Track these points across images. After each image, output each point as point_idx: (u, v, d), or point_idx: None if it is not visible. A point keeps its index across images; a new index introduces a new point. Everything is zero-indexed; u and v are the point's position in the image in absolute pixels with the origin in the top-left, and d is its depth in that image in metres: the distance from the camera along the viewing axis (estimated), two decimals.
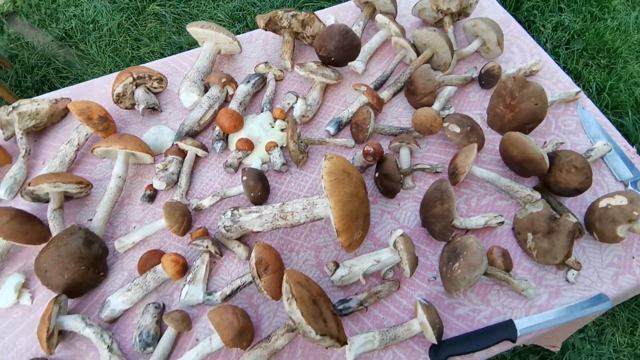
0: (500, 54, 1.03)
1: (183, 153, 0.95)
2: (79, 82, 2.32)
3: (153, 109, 1.03)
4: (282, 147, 0.96)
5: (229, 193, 0.88)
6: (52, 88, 2.29)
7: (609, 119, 2.10)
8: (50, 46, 2.50)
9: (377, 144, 0.84)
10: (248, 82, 1.02)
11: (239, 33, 2.43)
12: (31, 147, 1.01)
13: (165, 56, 2.36)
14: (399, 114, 1.01)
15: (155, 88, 1.06)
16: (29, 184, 0.83)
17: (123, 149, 0.87)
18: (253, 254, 0.74)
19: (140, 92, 1.02)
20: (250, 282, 0.78)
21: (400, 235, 0.76)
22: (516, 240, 0.83)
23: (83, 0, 2.68)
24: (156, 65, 1.14)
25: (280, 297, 0.75)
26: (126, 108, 1.04)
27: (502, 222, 0.83)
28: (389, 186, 0.85)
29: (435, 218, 0.79)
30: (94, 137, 1.01)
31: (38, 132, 1.04)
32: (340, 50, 0.98)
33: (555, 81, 1.03)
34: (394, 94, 1.02)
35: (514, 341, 0.73)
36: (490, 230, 0.85)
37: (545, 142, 0.93)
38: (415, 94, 0.96)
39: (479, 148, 0.90)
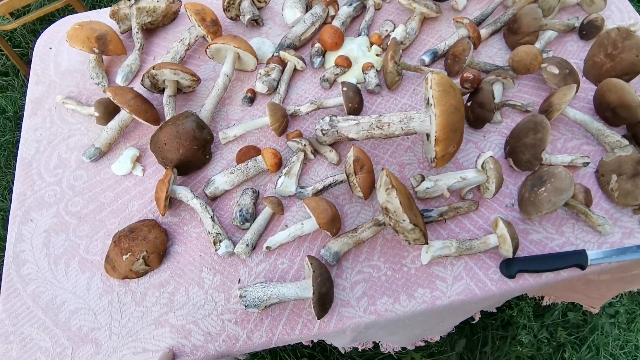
0: (603, 8, 1.02)
1: (283, 63, 1.01)
2: None
3: (256, 22, 1.09)
4: (377, 70, 1.00)
5: (326, 103, 0.95)
6: None
7: None
8: None
9: (477, 71, 0.87)
10: (350, 4, 1.06)
11: None
12: (144, 42, 1.10)
13: None
14: (493, 54, 1.03)
15: (259, 2, 1.11)
16: (153, 68, 0.92)
17: (236, 48, 0.94)
18: (351, 153, 0.81)
19: (246, 4, 1.07)
20: (342, 182, 0.86)
21: (491, 156, 0.80)
22: (598, 183, 0.86)
23: None
24: None
25: (370, 197, 0.82)
26: (231, 18, 1.11)
27: (588, 163, 0.85)
28: (482, 115, 0.88)
29: (525, 147, 0.83)
30: (200, 42, 1.09)
31: (151, 30, 1.13)
32: None
33: None
34: (492, 34, 1.04)
35: (583, 268, 0.77)
36: (574, 170, 0.87)
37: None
38: (517, 33, 0.97)
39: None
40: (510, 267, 0.78)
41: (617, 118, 0.87)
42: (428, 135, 0.81)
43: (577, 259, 0.77)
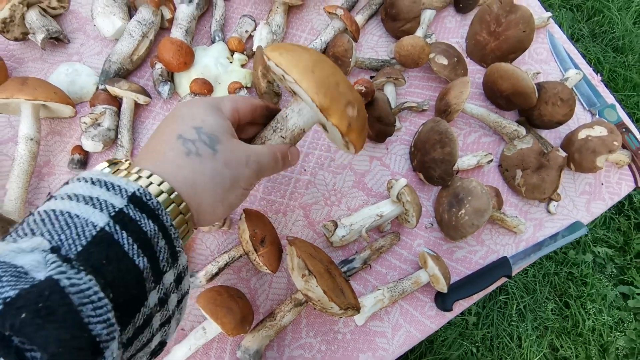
0: None
1: (116, 101, 0.73)
2: None
3: (57, 40, 0.76)
4: (247, 88, 0.79)
5: None
6: None
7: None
8: None
9: (368, 81, 0.72)
10: (190, 1, 0.79)
11: None
12: None
13: None
14: (374, 43, 0.89)
15: (54, 9, 0.76)
16: None
17: (31, 100, 0.62)
18: (244, 226, 0.62)
19: (34, 16, 0.72)
20: (240, 256, 0.67)
21: (405, 186, 0.69)
22: (502, 178, 0.83)
23: None
24: None
25: (278, 269, 0.66)
26: (15, 39, 0.75)
27: (492, 160, 0.81)
28: (382, 130, 0.76)
29: (435, 162, 0.74)
30: None
31: None
32: None
33: (525, 4, 0.98)
34: (368, 19, 0.89)
35: (510, 277, 0.75)
36: (479, 169, 0.83)
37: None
38: (396, 19, 0.84)
39: None
40: (446, 301, 0.71)
41: (510, 104, 0.83)
42: (323, 126, 0.52)
43: (502, 270, 0.74)
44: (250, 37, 0.83)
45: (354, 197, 0.77)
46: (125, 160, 0.38)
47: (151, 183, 0.36)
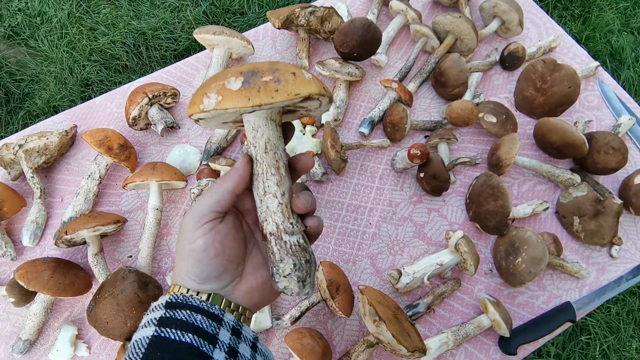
0: (520, 33, 1.02)
1: (216, 173, 0.91)
2: (36, 83, 2.14)
3: (171, 127, 0.97)
4: (317, 155, 0.93)
5: None
6: (8, 93, 2.10)
7: None
8: None
9: (422, 145, 0.83)
10: None
11: (206, 13, 2.28)
12: (44, 184, 0.93)
13: (128, 45, 2.19)
14: (427, 105, 1.00)
15: (168, 104, 0.99)
16: (66, 232, 0.77)
17: (159, 181, 0.82)
18: (323, 276, 0.74)
19: (154, 111, 0.94)
20: (318, 302, 0.79)
21: (462, 237, 0.77)
22: (561, 224, 0.87)
23: None
24: (160, 77, 1.06)
25: (351, 313, 0.76)
26: (141, 129, 0.97)
27: (548, 208, 0.86)
28: (438, 186, 0.85)
29: (490, 214, 0.81)
30: (113, 166, 0.94)
31: (48, 167, 0.96)
32: (363, 45, 0.94)
33: (572, 56, 1.04)
34: (420, 84, 1.00)
35: (574, 322, 0.78)
36: (535, 216, 0.88)
37: (575, 123, 0.95)
38: (446, 86, 0.94)
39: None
40: (510, 344, 0.76)
41: (562, 155, 0.88)
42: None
43: (566, 315, 0.78)
44: None
45: (415, 246, 0.86)
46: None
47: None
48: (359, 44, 0.93)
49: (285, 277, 0.42)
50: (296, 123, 0.95)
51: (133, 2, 2.38)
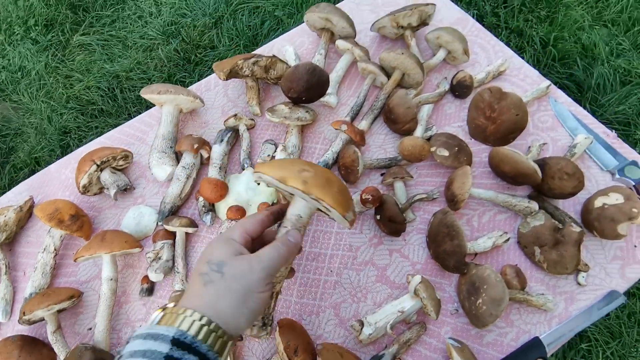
0: (467, 61, 1.02)
1: (172, 235, 0.89)
2: (19, 136, 2.15)
3: (125, 190, 0.96)
4: (273, 204, 0.92)
5: None
6: None
7: (557, 71, 2.15)
8: None
9: (374, 188, 0.82)
10: (222, 140, 0.96)
11: (177, 50, 2.29)
12: (8, 259, 0.92)
13: (103, 89, 2.20)
14: (382, 141, 0.99)
15: (121, 166, 0.98)
16: (24, 313, 0.77)
17: (109, 254, 0.80)
18: (279, 339, 0.72)
19: (106, 176, 0.93)
20: None
21: (420, 283, 0.75)
22: (524, 254, 0.85)
23: (7, 49, 2.44)
24: (113, 137, 1.05)
25: None
26: (94, 194, 0.96)
27: (508, 239, 0.84)
28: (394, 228, 0.83)
29: (447, 254, 0.79)
30: (68, 237, 0.93)
31: (9, 242, 0.95)
32: (310, 90, 0.93)
33: (522, 77, 1.03)
34: (372, 121, 0.99)
35: (545, 359, 0.75)
36: (498, 247, 0.86)
37: (529, 147, 0.94)
38: (396, 123, 0.94)
39: (469, 164, 0.90)
40: None
41: (518, 182, 0.87)
42: (322, 211, 0.64)
43: (535, 352, 0.75)
44: (273, 158, 0.97)
45: (378, 291, 0.84)
46: (172, 304, 0.51)
47: (194, 321, 0.47)
48: (306, 88, 0.93)
49: None
50: (250, 173, 0.94)
51: (106, 45, 2.40)
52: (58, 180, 1.01)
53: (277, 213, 0.64)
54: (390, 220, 0.83)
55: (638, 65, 2.07)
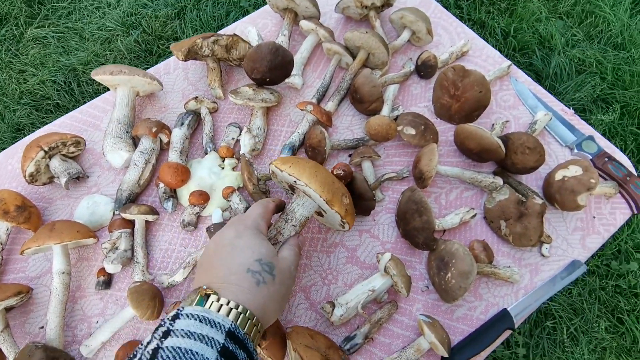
0: (431, 41, 1.02)
1: (130, 223, 0.84)
2: None
3: (77, 178, 0.89)
4: (239, 188, 0.89)
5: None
6: None
7: (517, 61, 2.22)
8: None
9: (345, 164, 0.80)
10: (182, 124, 0.92)
11: (138, 42, 2.20)
12: None
13: (59, 83, 2.09)
14: (349, 122, 0.98)
15: (72, 153, 0.91)
16: None
17: (59, 243, 0.75)
18: None
19: (56, 164, 0.87)
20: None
21: (390, 260, 0.74)
22: (490, 229, 0.86)
23: None
24: (64, 123, 0.98)
25: (284, 357, 0.71)
26: (44, 184, 0.89)
27: (475, 215, 0.84)
28: (364, 206, 0.82)
29: (417, 231, 0.79)
30: (15, 230, 0.86)
31: None
32: (274, 70, 0.90)
33: (485, 58, 1.05)
34: (339, 103, 0.98)
35: (513, 329, 0.76)
36: (465, 224, 0.86)
37: (493, 125, 0.95)
38: (362, 102, 0.92)
39: (435, 142, 0.90)
40: None
41: (483, 159, 0.88)
42: (319, 213, 0.77)
43: (504, 323, 0.76)
44: (237, 142, 0.94)
45: (349, 272, 0.82)
46: (213, 293, 0.50)
47: (240, 314, 0.49)
48: (269, 69, 0.90)
49: None
50: (214, 156, 0.90)
51: (62, 38, 2.27)
52: (4, 171, 0.93)
53: (281, 206, 0.72)
54: (360, 198, 0.81)
55: (591, 55, 2.17)
